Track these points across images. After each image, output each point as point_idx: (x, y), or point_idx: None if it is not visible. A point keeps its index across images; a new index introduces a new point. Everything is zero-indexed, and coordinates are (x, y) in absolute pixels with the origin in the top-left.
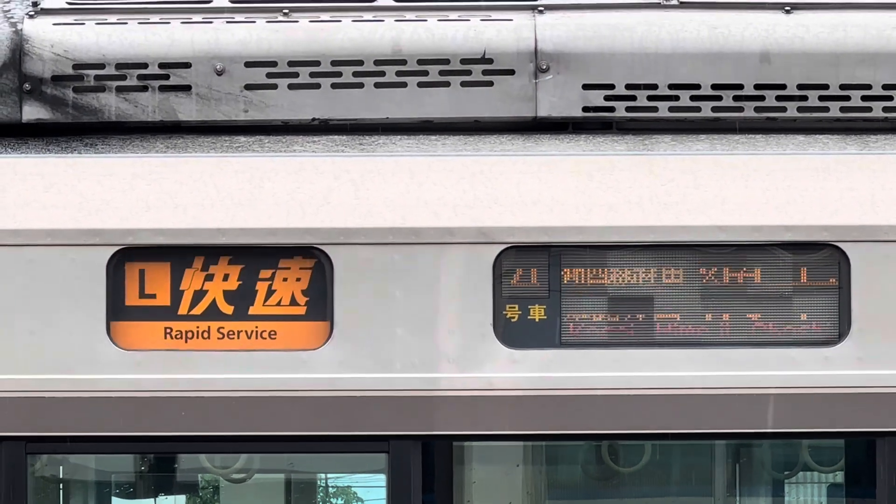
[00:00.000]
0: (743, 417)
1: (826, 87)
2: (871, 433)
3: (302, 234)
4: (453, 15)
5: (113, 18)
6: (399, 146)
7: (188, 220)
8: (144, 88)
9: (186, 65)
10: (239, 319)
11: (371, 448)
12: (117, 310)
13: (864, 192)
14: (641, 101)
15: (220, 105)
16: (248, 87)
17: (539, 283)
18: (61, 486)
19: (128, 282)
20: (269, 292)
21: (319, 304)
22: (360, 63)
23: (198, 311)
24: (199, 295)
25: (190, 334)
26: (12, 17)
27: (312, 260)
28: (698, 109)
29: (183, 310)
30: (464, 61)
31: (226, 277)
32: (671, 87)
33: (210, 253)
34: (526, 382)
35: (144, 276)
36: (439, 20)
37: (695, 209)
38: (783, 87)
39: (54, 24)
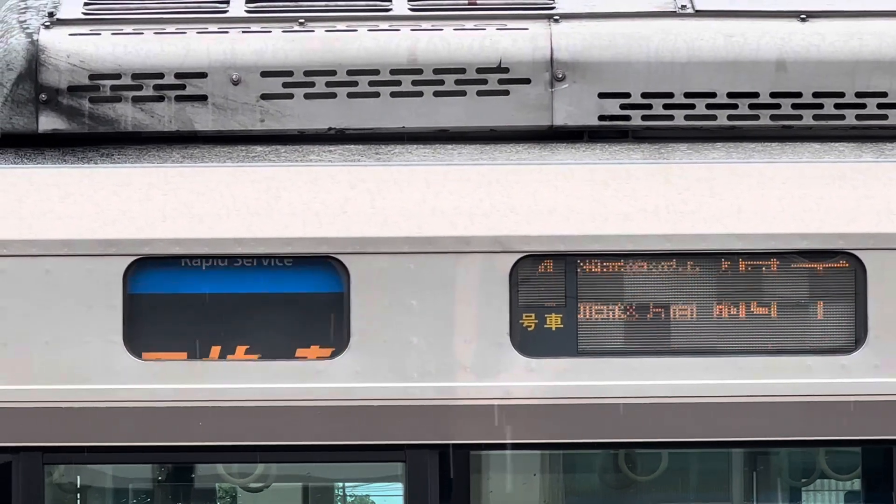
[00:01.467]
0: (760, 425)
1: (842, 95)
2: (887, 441)
3: (318, 244)
4: (469, 24)
5: (129, 29)
6: (415, 155)
7: (204, 229)
8: (160, 98)
9: (202, 75)
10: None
11: (388, 457)
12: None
13: (880, 199)
14: (657, 109)
15: (236, 115)
16: (264, 96)
17: (555, 292)
18: (78, 495)
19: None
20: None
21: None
22: (376, 72)
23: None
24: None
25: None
26: (28, 28)
27: (330, 349)
28: (714, 118)
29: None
30: (479, 70)
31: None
32: (687, 95)
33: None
34: (542, 391)
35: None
36: (455, 29)
37: (711, 217)
38: (799, 95)
39: (70, 35)
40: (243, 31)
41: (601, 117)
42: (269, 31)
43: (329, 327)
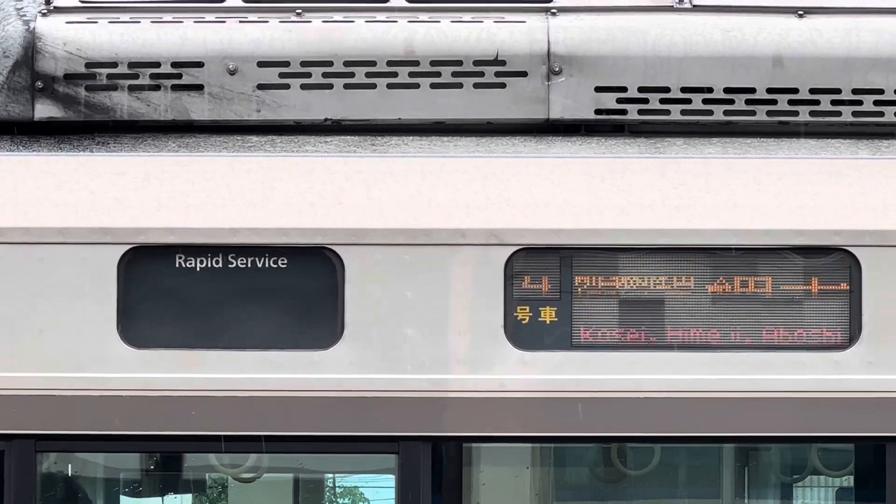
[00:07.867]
0: (753, 421)
1: (838, 91)
2: (880, 437)
3: (313, 235)
4: (466, 16)
5: (126, 17)
6: (411, 147)
7: (200, 219)
8: (157, 87)
9: (199, 64)
10: None
11: (381, 449)
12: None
13: (876, 196)
14: (654, 103)
15: (233, 105)
16: (261, 86)
17: (550, 286)
18: (70, 484)
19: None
20: None
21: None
22: (373, 64)
23: None
24: None
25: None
26: (25, 15)
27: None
28: (710, 113)
29: None
30: (477, 63)
31: None
32: (683, 90)
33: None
34: (536, 384)
35: None
36: (452, 21)
37: (706, 213)
38: (795, 91)
39: (67, 23)
40: (240, 21)
41: (598, 111)
42: (267, 21)
43: (323, 318)
